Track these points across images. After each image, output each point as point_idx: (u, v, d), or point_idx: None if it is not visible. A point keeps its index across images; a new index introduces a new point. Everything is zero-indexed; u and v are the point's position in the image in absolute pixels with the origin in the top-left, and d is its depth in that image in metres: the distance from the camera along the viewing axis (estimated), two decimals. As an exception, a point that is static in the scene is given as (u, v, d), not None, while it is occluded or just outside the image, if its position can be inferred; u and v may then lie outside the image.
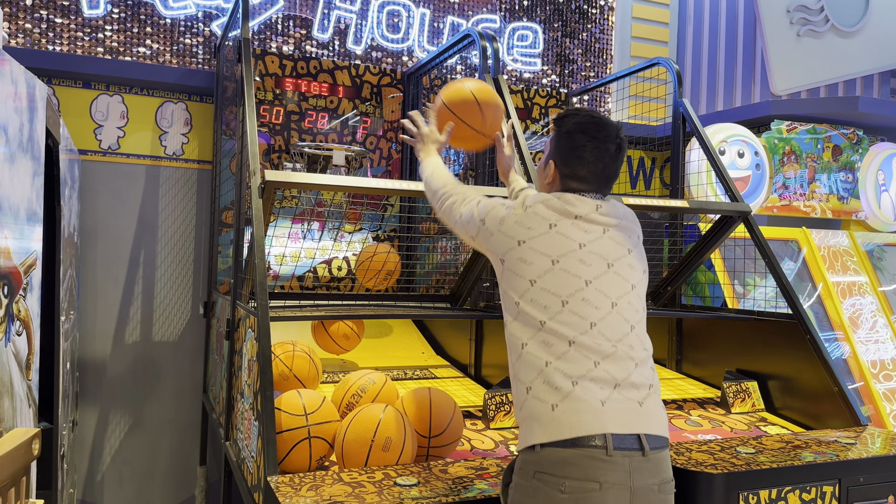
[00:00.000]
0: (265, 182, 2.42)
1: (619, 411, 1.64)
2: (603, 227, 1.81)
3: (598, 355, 1.68)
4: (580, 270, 1.74)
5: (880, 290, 4.53)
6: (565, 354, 1.67)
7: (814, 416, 2.88)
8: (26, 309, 2.03)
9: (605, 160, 1.85)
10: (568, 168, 1.86)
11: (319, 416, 2.16)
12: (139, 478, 4.04)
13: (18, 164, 1.95)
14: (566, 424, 1.61)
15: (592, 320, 1.70)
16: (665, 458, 1.69)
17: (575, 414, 1.62)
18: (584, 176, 1.85)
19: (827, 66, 5.77)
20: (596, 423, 1.61)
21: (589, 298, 1.72)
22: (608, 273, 1.76)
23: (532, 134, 4.58)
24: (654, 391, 1.73)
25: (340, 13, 4.55)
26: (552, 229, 1.77)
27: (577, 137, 1.84)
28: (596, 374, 1.66)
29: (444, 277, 3.92)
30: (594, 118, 1.86)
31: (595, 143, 1.83)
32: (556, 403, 1.64)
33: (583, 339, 1.68)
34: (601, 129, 1.85)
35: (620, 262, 1.79)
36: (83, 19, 4.04)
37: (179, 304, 4.12)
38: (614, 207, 1.86)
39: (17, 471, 1.63)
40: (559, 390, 1.64)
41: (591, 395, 1.64)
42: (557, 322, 1.69)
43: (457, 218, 1.99)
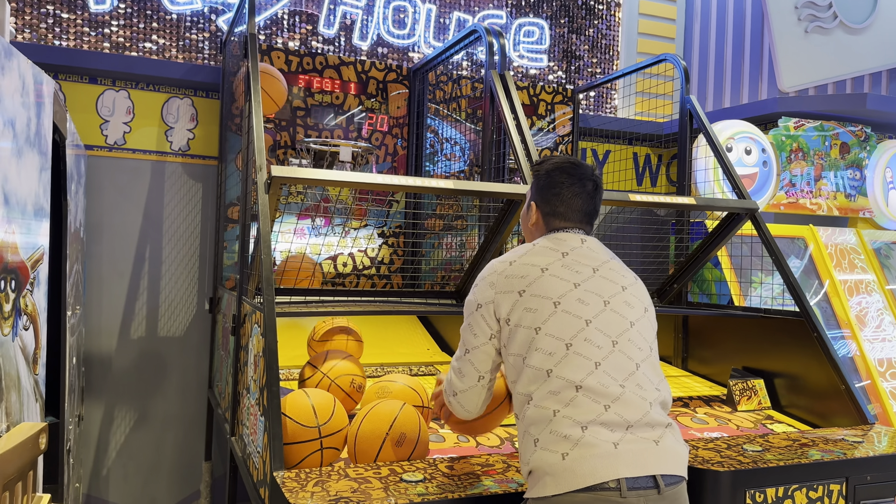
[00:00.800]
0: (271, 177, 2.42)
1: (632, 453, 1.61)
2: (592, 268, 1.82)
3: (607, 398, 1.65)
4: (580, 310, 1.74)
5: (887, 289, 4.51)
6: (573, 401, 1.65)
7: (820, 414, 2.87)
8: (33, 303, 2.03)
9: (583, 196, 1.91)
10: (549, 206, 1.92)
11: (332, 425, 2.13)
12: (144, 472, 4.05)
13: (26, 159, 1.95)
14: (579, 474, 1.58)
15: (596, 360, 1.69)
16: (681, 493, 1.67)
17: (587, 461, 1.59)
18: (563, 212, 1.90)
19: (835, 63, 5.74)
20: (609, 469, 1.58)
21: (591, 338, 1.71)
22: (605, 311, 1.76)
23: (538, 130, 4.57)
24: (671, 429, 1.70)
25: (346, 9, 4.54)
26: (545, 273, 1.79)
27: (556, 175, 1.92)
28: (607, 418, 1.63)
29: (449, 274, 3.92)
30: (570, 159, 1.95)
31: (572, 179, 1.91)
32: (567, 452, 1.60)
33: (589, 381, 1.66)
34: (577, 167, 1.92)
35: (615, 299, 1.79)
36: (89, 14, 4.04)
37: (185, 300, 4.12)
38: (600, 245, 1.91)
39: (24, 465, 1.63)
40: (568, 438, 1.61)
41: (602, 438, 1.61)
42: (563, 366, 1.68)
43: (459, 377, 1.91)
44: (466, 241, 3.81)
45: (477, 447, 2.43)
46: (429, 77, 4.18)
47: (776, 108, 4.66)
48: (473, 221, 3.76)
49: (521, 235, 3.42)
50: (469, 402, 1.91)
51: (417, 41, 4.73)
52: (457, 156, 4.16)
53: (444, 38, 4.79)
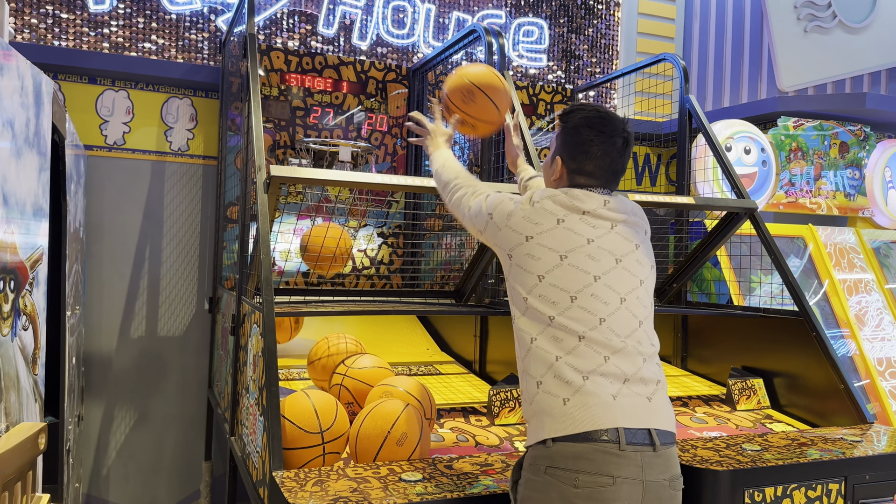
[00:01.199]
0: (270, 177, 2.42)
1: (629, 406, 1.64)
2: (611, 223, 1.80)
3: (608, 350, 1.68)
4: (588, 266, 1.73)
5: (887, 288, 4.51)
6: (575, 349, 1.67)
7: (820, 413, 2.87)
8: (32, 304, 2.03)
9: (612, 155, 1.83)
10: (575, 163, 1.84)
11: (335, 429, 2.13)
12: (145, 472, 4.06)
13: (25, 159, 1.95)
14: (578, 419, 1.61)
15: (602, 316, 1.70)
16: (674, 454, 1.70)
17: (587, 408, 1.62)
18: (591, 171, 1.83)
19: (834, 63, 5.74)
20: (608, 418, 1.61)
21: (598, 294, 1.71)
22: (616, 268, 1.76)
23: (538, 130, 4.57)
24: (661, 387, 1.74)
25: (346, 8, 4.54)
26: (560, 224, 1.76)
27: (584, 132, 1.82)
28: (606, 369, 1.66)
29: (448, 273, 3.92)
30: (600, 113, 1.84)
31: (602, 137, 1.82)
32: (568, 398, 1.63)
33: (592, 334, 1.68)
34: (607, 123, 1.83)
35: (628, 257, 1.79)
36: (89, 14, 4.04)
37: (185, 300, 4.13)
38: (622, 203, 1.85)
39: (24, 465, 1.64)
40: (570, 385, 1.64)
41: (602, 389, 1.64)
42: (566, 317, 1.69)
43: (465, 211, 1.98)
44: (466, 241, 3.82)
45: (476, 447, 2.43)
46: (428, 77, 4.18)
47: (775, 108, 4.66)
48: (473, 221, 3.76)
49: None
50: (467, 205, 1.98)
51: (417, 41, 4.73)
52: (456, 155, 4.17)
53: (443, 37, 4.79)
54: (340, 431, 2.15)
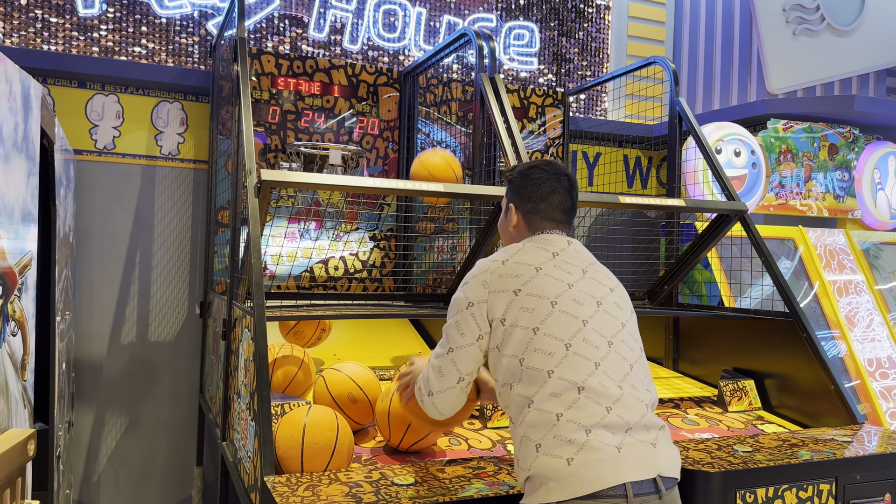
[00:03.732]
0: (261, 181, 2.42)
1: (634, 456, 1.61)
2: (581, 269, 1.83)
3: (608, 400, 1.65)
4: (577, 310, 1.73)
5: (876, 289, 4.54)
6: (576, 402, 1.63)
7: (810, 414, 2.88)
8: (21, 309, 2.02)
9: (561, 192, 1.91)
10: (529, 204, 1.91)
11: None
12: (136, 478, 4.03)
13: (13, 164, 1.94)
14: (586, 479, 1.56)
15: (596, 360, 1.68)
16: (676, 495, 1.69)
17: (593, 466, 1.57)
18: (544, 209, 1.89)
19: (823, 65, 5.78)
20: (614, 473, 1.57)
21: (589, 339, 1.70)
22: (599, 312, 1.76)
23: (529, 133, 4.58)
24: (664, 432, 1.71)
25: (336, 12, 4.54)
26: (539, 272, 1.78)
27: (531, 173, 1.93)
28: (609, 421, 1.63)
29: (440, 277, 3.92)
30: (540, 159, 1.97)
31: (547, 174, 1.91)
32: (572, 457, 1.58)
33: (591, 382, 1.65)
34: (551, 164, 1.94)
35: (606, 300, 1.80)
36: (78, 19, 4.03)
37: (176, 304, 4.11)
38: (583, 247, 1.91)
39: (13, 472, 1.62)
40: (573, 443, 1.60)
41: (606, 442, 1.60)
42: (564, 368, 1.66)
43: (438, 375, 1.86)
44: (458, 244, 3.82)
45: (469, 450, 2.43)
46: (419, 80, 4.19)
47: (765, 110, 4.69)
48: (464, 224, 3.77)
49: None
50: (444, 405, 1.87)
51: (408, 44, 4.73)
52: (448, 159, 4.16)
53: (434, 41, 4.80)
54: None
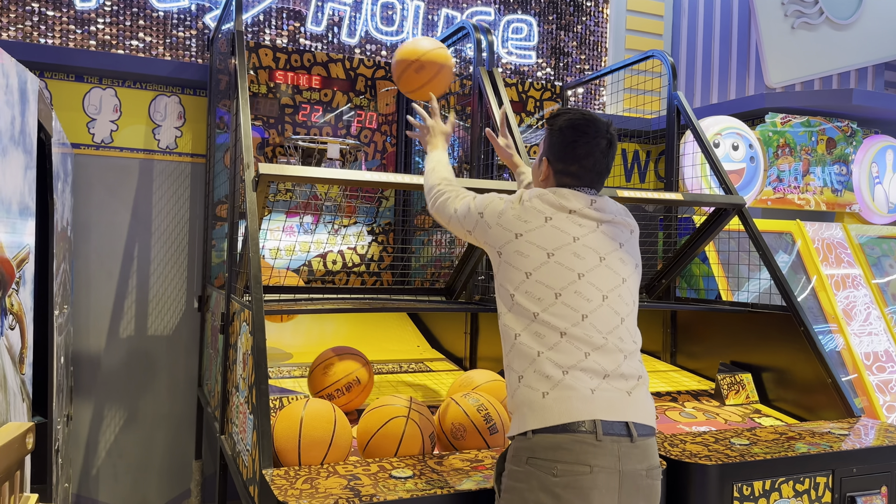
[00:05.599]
0: (259, 175, 2.42)
1: (607, 400, 1.68)
2: (596, 223, 1.85)
3: (589, 346, 1.72)
4: (574, 263, 1.78)
5: (874, 283, 4.55)
6: (557, 345, 1.71)
7: (807, 407, 2.89)
8: (19, 303, 2.02)
9: (597, 155, 1.89)
10: (561, 164, 1.90)
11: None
12: (134, 472, 4.04)
13: (10, 158, 1.94)
14: (556, 411, 1.66)
15: (584, 312, 1.74)
16: (652, 445, 1.74)
17: (565, 401, 1.66)
18: (575, 171, 1.89)
19: (821, 59, 5.77)
20: (585, 410, 1.66)
21: (581, 291, 1.76)
22: (600, 266, 1.80)
23: (527, 127, 4.57)
24: (642, 382, 1.77)
25: (334, 5, 4.53)
26: (548, 223, 1.81)
27: (569, 133, 1.89)
28: (586, 365, 1.70)
29: (439, 271, 3.92)
30: (584, 115, 1.91)
31: (586, 138, 1.88)
32: (547, 391, 1.68)
33: (574, 330, 1.72)
34: (591, 125, 1.89)
35: (612, 255, 1.84)
36: (75, 12, 4.02)
37: (174, 298, 4.11)
38: (607, 203, 1.91)
39: (11, 465, 1.63)
40: (550, 379, 1.69)
41: (581, 383, 1.68)
42: (550, 314, 1.74)
43: (451, 213, 2.03)
44: (456, 238, 3.82)
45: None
46: (417, 74, 4.17)
47: (763, 104, 4.68)
48: (463, 218, 3.76)
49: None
50: (446, 210, 2.06)
51: (406, 38, 4.72)
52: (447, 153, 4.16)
53: (432, 34, 4.79)
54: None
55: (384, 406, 2.21)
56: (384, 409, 2.19)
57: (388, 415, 2.16)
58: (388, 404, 2.21)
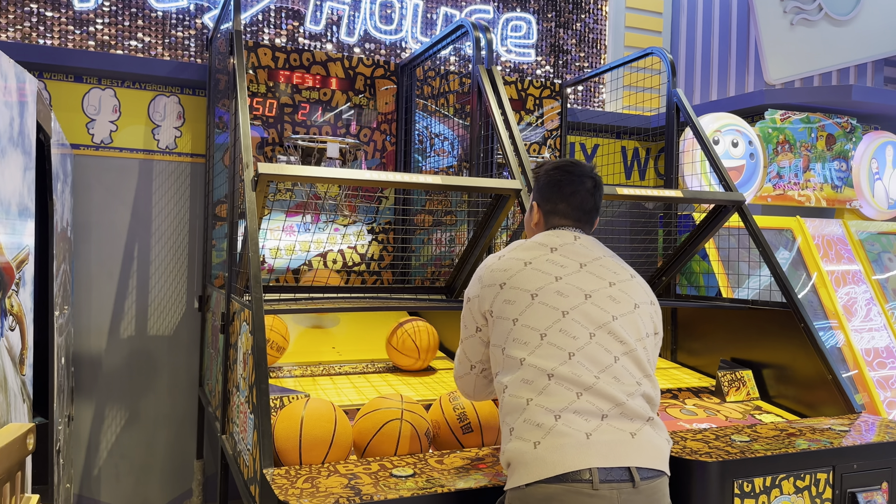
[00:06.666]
0: (258, 175, 2.42)
1: (606, 444, 1.60)
2: (579, 263, 1.84)
3: (580, 386, 1.65)
4: (557, 302, 1.75)
5: (874, 279, 4.54)
6: (546, 388, 1.65)
7: (808, 404, 2.89)
8: (19, 304, 2.02)
9: (583, 194, 1.94)
10: (549, 204, 1.96)
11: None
12: (136, 472, 4.04)
13: (9, 159, 1.94)
14: (549, 462, 1.58)
15: (571, 350, 1.69)
16: (659, 488, 1.65)
17: (558, 450, 1.59)
18: (564, 210, 1.94)
19: (820, 55, 5.77)
20: (580, 459, 1.58)
21: (566, 329, 1.72)
22: (585, 304, 1.76)
23: (527, 125, 4.57)
24: (651, 424, 1.69)
25: (333, 4, 4.53)
26: (527, 266, 1.82)
27: (555, 174, 1.96)
28: (579, 406, 1.63)
29: (439, 269, 3.92)
30: (568, 160, 2.00)
31: (571, 177, 1.94)
32: (539, 441, 1.61)
33: (562, 369, 1.66)
34: (577, 166, 1.97)
35: (598, 293, 1.79)
36: (74, 13, 4.02)
37: (174, 298, 4.11)
38: (594, 243, 1.93)
39: (12, 466, 1.63)
40: (541, 427, 1.62)
41: (575, 428, 1.61)
42: (537, 356, 1.69)
43: (463, 368, 1.99)
44: (456, 237, 3.82)
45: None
46: (417, 72, 4.18)
47: (762, 101, 4.68)
48: (463, 217, 3.77)
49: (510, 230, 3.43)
50: (465, 387, 2.00)
51: (405, 36, 4.72)
52: (445, 151, 4.16)
53: (431, 33, 4.78)
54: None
55: (377, 410, 2.20)
56: (377, 413, 2.19)
57: (383, 419, 2.16)
58: (381, 408, 2.20)
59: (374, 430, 2.16)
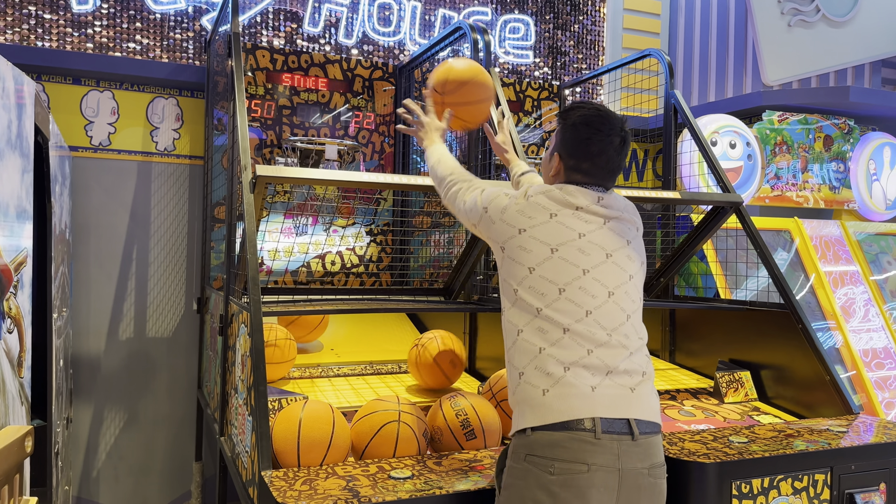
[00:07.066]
0: (256, 177, 2.42)
1: (609, 397, 1.67)
2: (603, 219, 1.83)
3: (592, 343, 1.71)
4: (578, 259, 1.76)
5: (872, 280, 4.55)
6: (559, 341, 1.70)
7: (806, 404, 2.89)
8: (17, 306, 2.02)
9: (609, 153, 1.86)
10: (573, 160, 1.87)
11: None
12: (135, 474, 4.04)
13: (7, 161, 1.94)
14: (556, 409, 1.65)
15: (588, 308, 1.73)
16: (656, 443, 1.72)
17: (565, 399, 1.65)
18: (587, 169, 1.86)
19: (818, 56, 5.77)
20: (585, 408, 1.64)
21: (586, 287, 1.75)
22: (606, 263, 1.79)
23: (525, 127, 4.58)
24: (647, 378, 1.76)
25: (331, 6, 4.53)
26: (553, 219, 1.80)
27: (582, 130, 1.86)
28: (588, 362, 1.69)
29: (437, 271, 3.92)
30: (599, 111, 1.87)
31: (600, 135, 1.84)
32: (548, 389, 1.67)
33: (577, 326, 1.71)
34: (606, 121, 1.86)
35: (619, 252, 1.82)
36: (72, 15, 4.02)
37: (173, 300, 4.11)
38: (615, 200, 1.89)
39: (10, 468, 1.63)
40: (551, 376, 1.68)
41: (582, 380, 1.67)
42: (553, 309, 1.72)
43: (460, 206, 2.03)
44: (454, 238, 3.82)
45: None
46: (415, 74, 4.18)
47: (760, 102, 4.69)
48: (461, 218, 3.76)
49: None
50: (459, 203, 2.04)
51: (403, 38, 4.72)
52: (443, 153, 4.16)
53: (429, 35, 4.79)
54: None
55: (374, 413, 2.20)
56: (375, 415, 2.19)
57: (381, 421, 2.16)
58: (378, 410, 2.20)
59: (371, 433, 2.16)
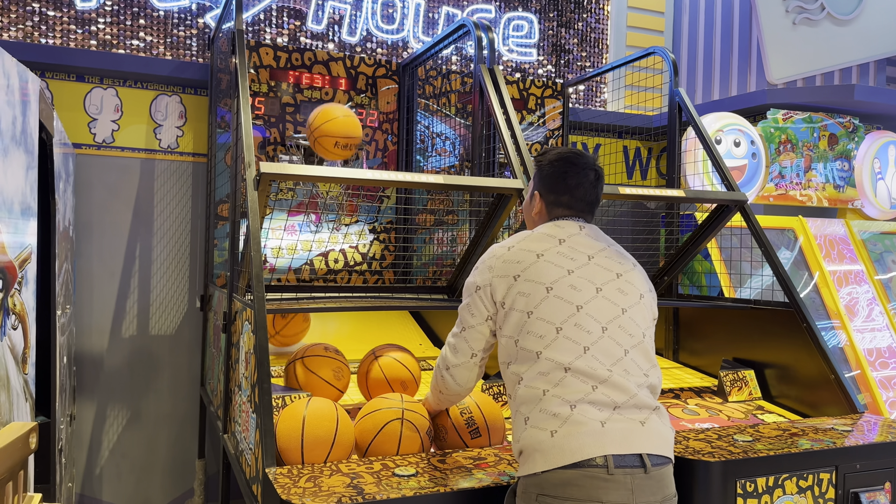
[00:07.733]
0: (260, 174, 2.41)
1: (620, 431, 1.66)
2: (587, 255, 1.87)
3: (595, 379, 1.70)
4: (572, 296, 1.78)
5: (877, 279, 4.54)
6: (562, 381, 1.70)
7: (810, 403, 2.89)
8: (21, 303, 2.02)
9: (586, 185, 1.95)
10: (552, 195, 1.96)
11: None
12: (138, 471, 4.05)
13: (11, 158, 1.94)
14: (567, 450, 1.63)
15: (585, 345, 1.73)
16: (667, 475, 1.71)
17: (575, 438, 1.64)
18: (567, 202, 1.95)
19: (823, 55, 5.76)
20: (596, 446, 1.63)
21: (581, 323, 1.76)
22: (597, 298, 1.80)
23: (528, 125, 4.57)
24: (658, 413, 1.75)
25: (335, 4, 4.53)
26: (540, 259, 1.83)
27: (558, 165, 1.96)
28: (594, 398, 1.68)
29: (440, 269, 3.92)
30: (572, 150, 2.00)
31: (575, 168, 1.95)
32: (556, 430, 1.66)
33: (578, 363, 1.71)
34: (580, 157, 1.97)
35: (608, 286, 1.83)
36: (76, 12, 4.02)
37: (176, 298, 4.11)
38: (597, 232, 1.96)
39: (15, 465, 1.63)
40: (557, 416, 1.67)
41: (590, 417, 1.66)
42: (553, 350, 1.73)
43: (462, 346, 1.98)
44: (457, 236, 3.82)
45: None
46: (418, 72, 4.18)
47: (765, 100, 4.68)
48: (464, 216, 3.76)
49: (512, 229, 3.43)
50: (461, 377, 2.01)
51: (406, 36, 4.72)
52: (447, 151, 4.16)
53: (433, 32, 4.78)
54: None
55: (378, 410, 2.19)
56: (378, 413, 2.18)
57: (384, 419, 2.15)
58: (381, 408, 2.20)
59: (375, 431, 2.15)
